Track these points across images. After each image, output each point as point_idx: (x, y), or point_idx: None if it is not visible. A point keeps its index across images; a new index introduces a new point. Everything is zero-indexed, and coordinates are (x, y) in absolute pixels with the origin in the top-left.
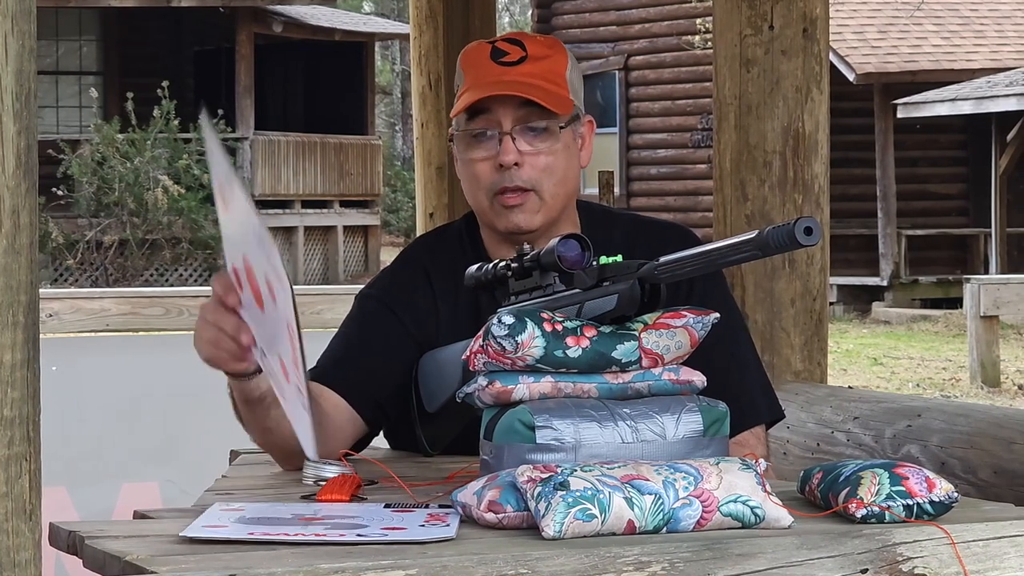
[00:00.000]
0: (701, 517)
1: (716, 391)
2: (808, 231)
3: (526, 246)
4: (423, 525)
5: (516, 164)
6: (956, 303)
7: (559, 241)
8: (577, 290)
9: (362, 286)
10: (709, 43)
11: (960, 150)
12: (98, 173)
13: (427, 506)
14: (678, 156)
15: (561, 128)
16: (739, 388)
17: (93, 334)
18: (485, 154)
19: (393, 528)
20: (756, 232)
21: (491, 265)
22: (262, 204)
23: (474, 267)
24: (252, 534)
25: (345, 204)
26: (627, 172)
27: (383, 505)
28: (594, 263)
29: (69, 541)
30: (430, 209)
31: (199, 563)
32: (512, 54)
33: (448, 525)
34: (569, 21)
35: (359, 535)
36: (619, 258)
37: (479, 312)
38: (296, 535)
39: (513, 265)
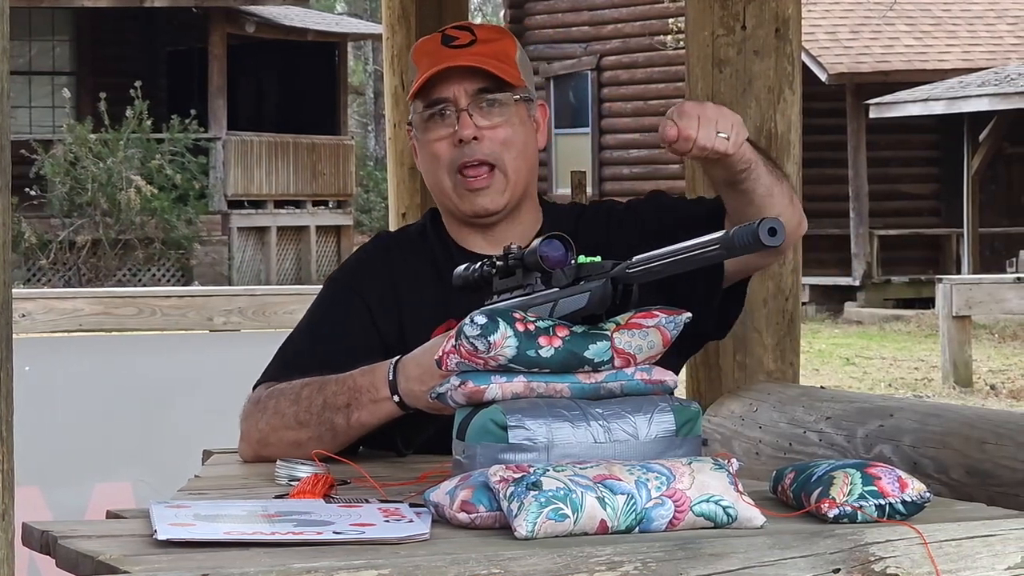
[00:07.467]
0: (673, 517)
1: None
2: (772, 231)
3: (513, 245)
4: (387, 521)
5: (475, 139)
6: (928, 303)
7: (542, 241)
8: (554, 289)
9: None
10: (681, 43)
11: (932, 150)
12: (71, 173)
13: (368, 501)
14: (651, 156)
15: (515, 100)
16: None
17: (66, 334)
18: (443, 132)
19: (362, 524)
20: (723, 232)
21: (478, 264)
22: (235, 204)
23: (462, 267)
24: (228, 534)
25: (318, 204)
26: (600, 172)
27: (324, 501)
28: (572, 262)
29: (42, 541)
30: (402, 209)
31: (172, 563)
32: (461, 38)
33: (409, 520)
34: (542, 21)
35: (335, 532)
36: (598, 259)
37: (448, 309)
38: (272, 534)
39: (498, 263)
